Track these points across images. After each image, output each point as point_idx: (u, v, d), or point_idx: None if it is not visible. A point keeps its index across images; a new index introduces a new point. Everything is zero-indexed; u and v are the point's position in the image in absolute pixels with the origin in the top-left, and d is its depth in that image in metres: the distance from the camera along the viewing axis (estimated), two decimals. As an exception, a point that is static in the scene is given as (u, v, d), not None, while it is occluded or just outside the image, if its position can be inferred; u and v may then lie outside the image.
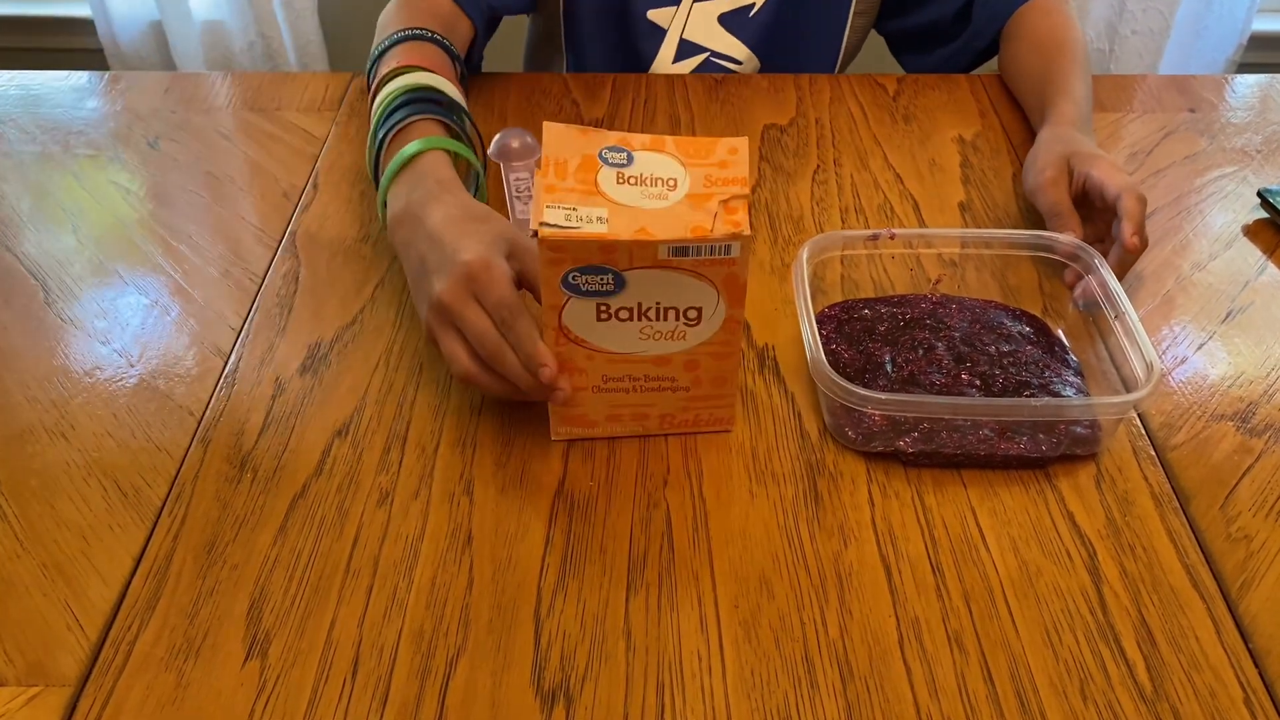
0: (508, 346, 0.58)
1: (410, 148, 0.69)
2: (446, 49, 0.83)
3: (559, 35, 1.04)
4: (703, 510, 0.59)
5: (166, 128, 0.92)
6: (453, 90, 0.77)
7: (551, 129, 0.56)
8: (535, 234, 0.52)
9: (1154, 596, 0.54)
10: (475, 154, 0.76)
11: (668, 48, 1.01)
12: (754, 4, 0.99)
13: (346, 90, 0.97)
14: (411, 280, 0.65)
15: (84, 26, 1.78)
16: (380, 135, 0.73)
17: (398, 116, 0.73)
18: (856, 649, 0.52)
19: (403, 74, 0.76)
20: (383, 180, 0.70)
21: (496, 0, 0.94)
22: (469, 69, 0.99)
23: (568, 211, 0.53)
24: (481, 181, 0.75)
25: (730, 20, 1.00)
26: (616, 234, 0.52)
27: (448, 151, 0.71)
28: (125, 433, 0.63)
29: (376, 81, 0.78)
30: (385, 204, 0.70)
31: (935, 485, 0.60)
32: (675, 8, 0.98)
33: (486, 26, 0.94)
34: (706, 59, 1.02)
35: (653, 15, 0.99)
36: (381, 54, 0.81)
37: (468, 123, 0.77)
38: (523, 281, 0.61)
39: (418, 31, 0.81)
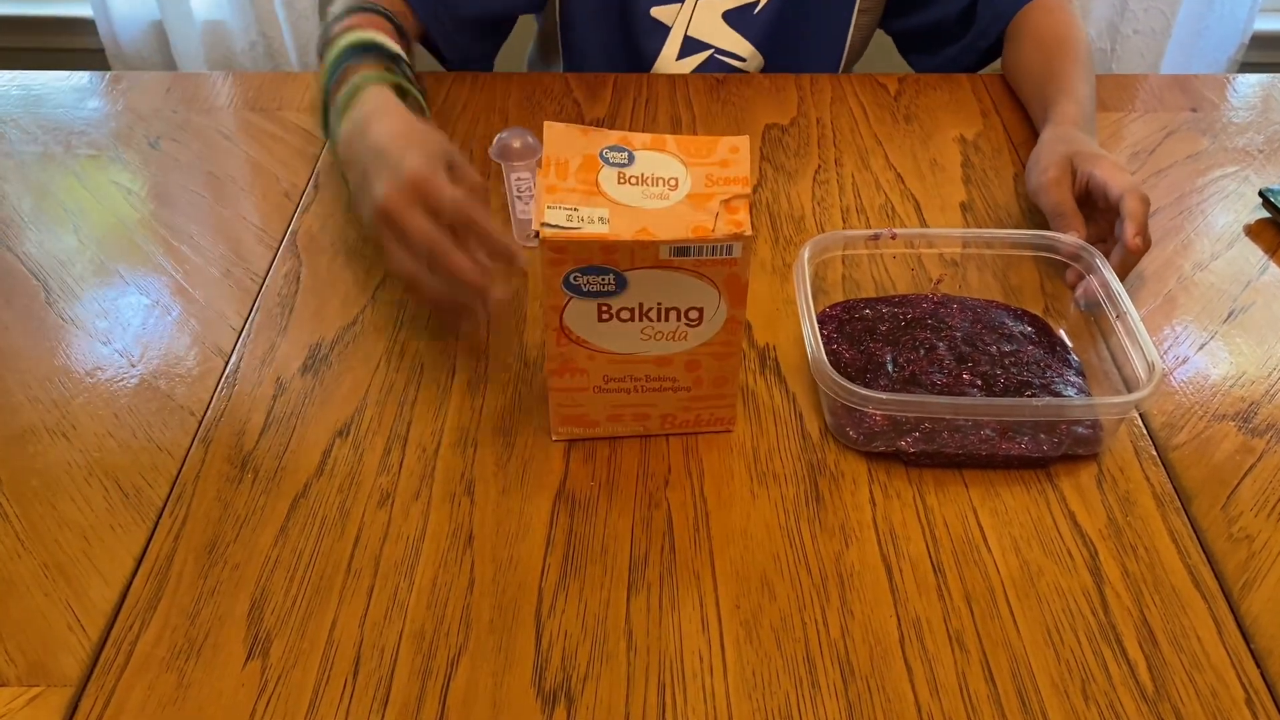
0: (453, 246, 0.59)
1: (359, 77, 0.72)
2: (393, 21, 0.84)
3: (556, 36, 1.04)
4: (704, 510, 0.59)
5: (168, 128, 0.92)
6: (398, 48, 0.79)
7: (552, 129, 0.56)
8: (537, 234, 0.52)
9: (1155, 596, 0.54)
10: (423, 101, 0.78)
11: (671, 45, 1.01)
12: (759, 1, 0.99)
13: (347, 90, 0.97)
14: (355, 190, 0.66)
15: (85, 26, 1.78)
16: (328, 82, 0.75)
17: (346, 63, 0.75)
18: (858, 649, 0.52)
19: (351, 32, 0.78)
20: (332, 113, 0.73)
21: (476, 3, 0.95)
22: (476, 66, 1.00)
23: (569, 212, 0.53)
24: (427, 118, 0.77)
25: (735, 17, 1.00)
26: (618, 234, 0.52)
27: (395, 90, 0.73)
28: (126, 433, 0.63)
29: (325, 44, 0.80)
30: (334, 137, 0.72)
31: (936, 485, 0.60)
32: (680, 4, 0.98)
33: (464, 27, 0.95)
34: (711, 56, 1.02)
35: (656, 12, 0.99)
36: (333, 21, 0.82)
37: (413, 73, 0.80)
38: None
39: (367, 5, 0.84)
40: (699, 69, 1.02)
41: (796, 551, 0.56)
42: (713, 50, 1.01)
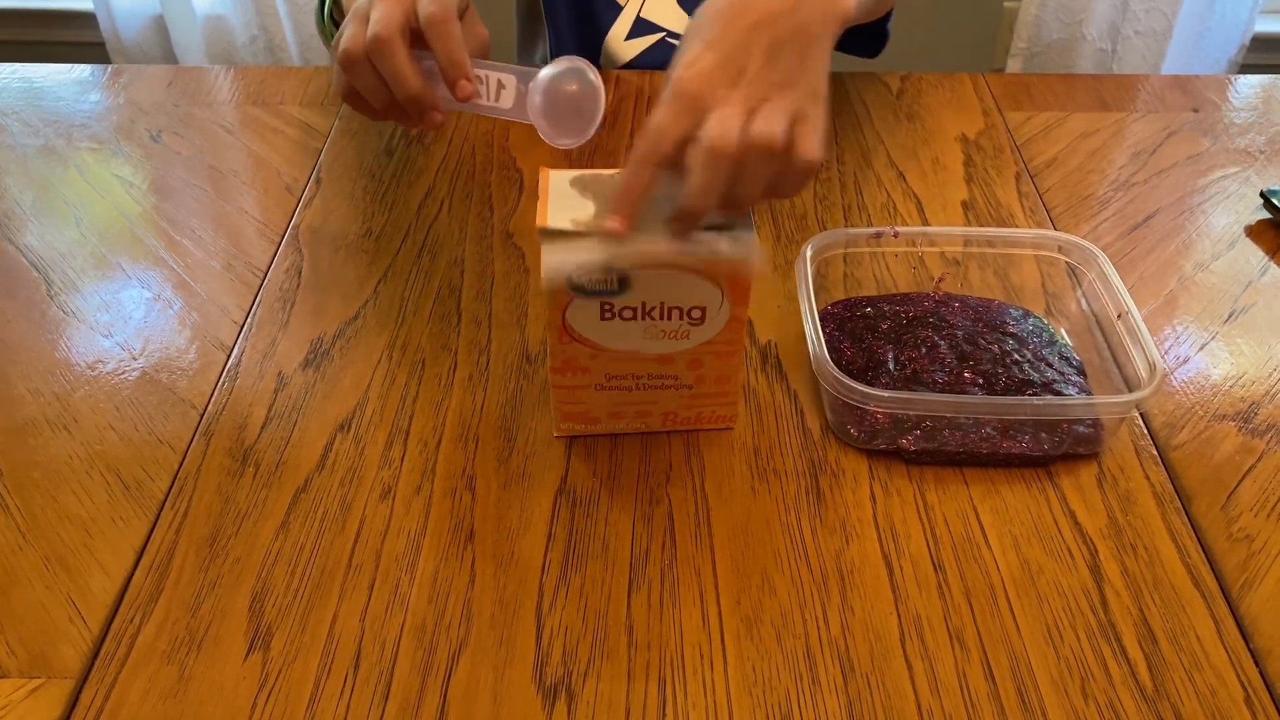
0: (402, 46, 0.61)
1: None
2: None
3: (540, 8, 1.04)
4: (705, 507, 0.59)
5: (169, 121, 0.92)
6: None
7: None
8: (540, 232, 0.52)
9: (1155, 596, 0.54)
10: None
11: (622, 24, 0.99)
12: None
13: (349, 85, 0.97)
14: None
15: (86, 20, 1.78)
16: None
17: None
18: (858, 646, 0.52)
19: None
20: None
21: None
22: None
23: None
24: None
25: (691, 4, 0.99)
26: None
27: None
28: (128, 426, 0.63)
29: None
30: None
31: (937, 483, 0.60)
32: None
33: None
34: (662, 39, 1.00)
35: None
36: None
37: None
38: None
39: None
40: (649, 50, 1.01)
41: (797, 548, 0.56)
42: (664, 33, 1.00)
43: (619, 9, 0.99)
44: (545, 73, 0.60)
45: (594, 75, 0.60)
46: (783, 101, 0.53)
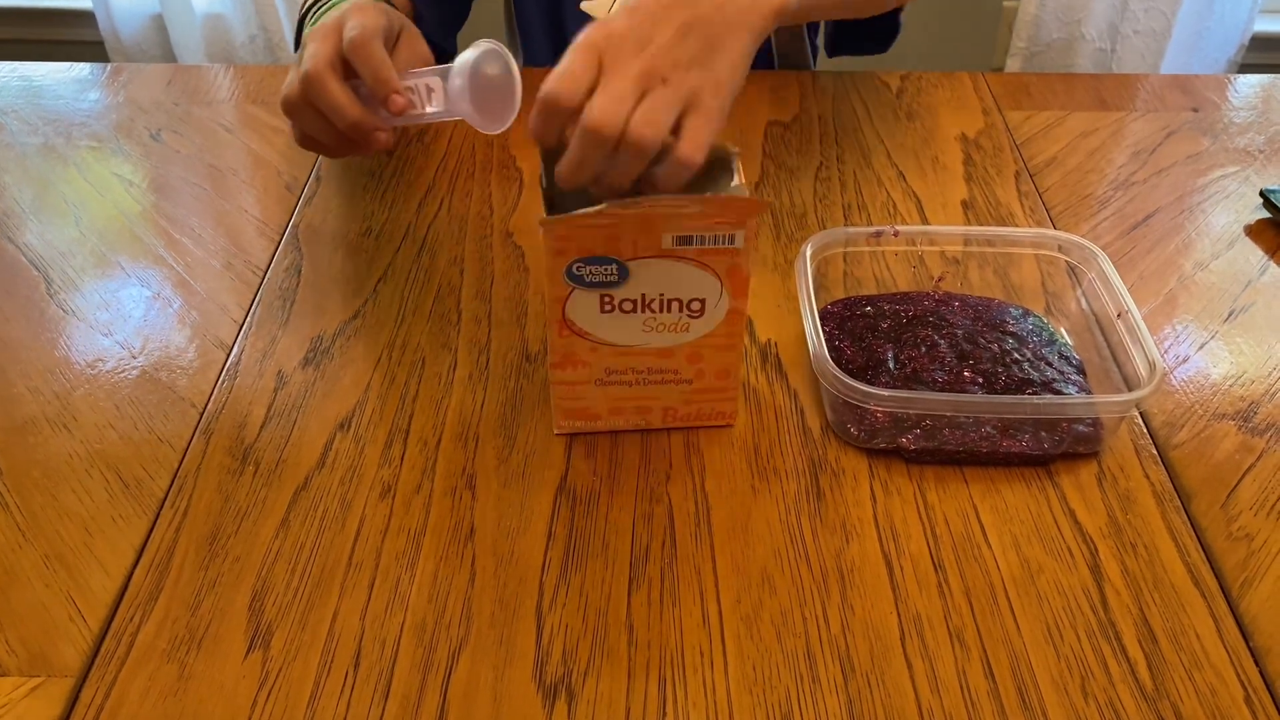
0: (333, 78, 0.62)
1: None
2: None
3: (513, 20, 1.04)
4: (705, 505, 0.59)
5: (169, 120, 0.92)
6: None
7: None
8: (540, 223, 0.52)
9: (1155, 595, 0.54)
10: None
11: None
12: None
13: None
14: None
15: (85, 19, 1.78)
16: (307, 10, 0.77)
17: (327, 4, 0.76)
18: (858, 645, 0.52)
19: None
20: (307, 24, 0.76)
21: None
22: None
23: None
24: None
25: None
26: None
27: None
28: (127, 424, 0.63)
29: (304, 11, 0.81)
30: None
31: (937, 482, 0.60)
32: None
33: (441, 5, 0.95)
34: None
35: (585, 7, 0.98)
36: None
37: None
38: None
39: None
40: None
41: (797, 547, 0.56)
42: None
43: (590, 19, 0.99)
44: (461, 58, 0.61)
45: (507, 54, 0.62)
46: (680, 85, 0.52)
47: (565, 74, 0.51)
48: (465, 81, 0.61)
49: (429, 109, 0.64)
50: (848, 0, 0.79)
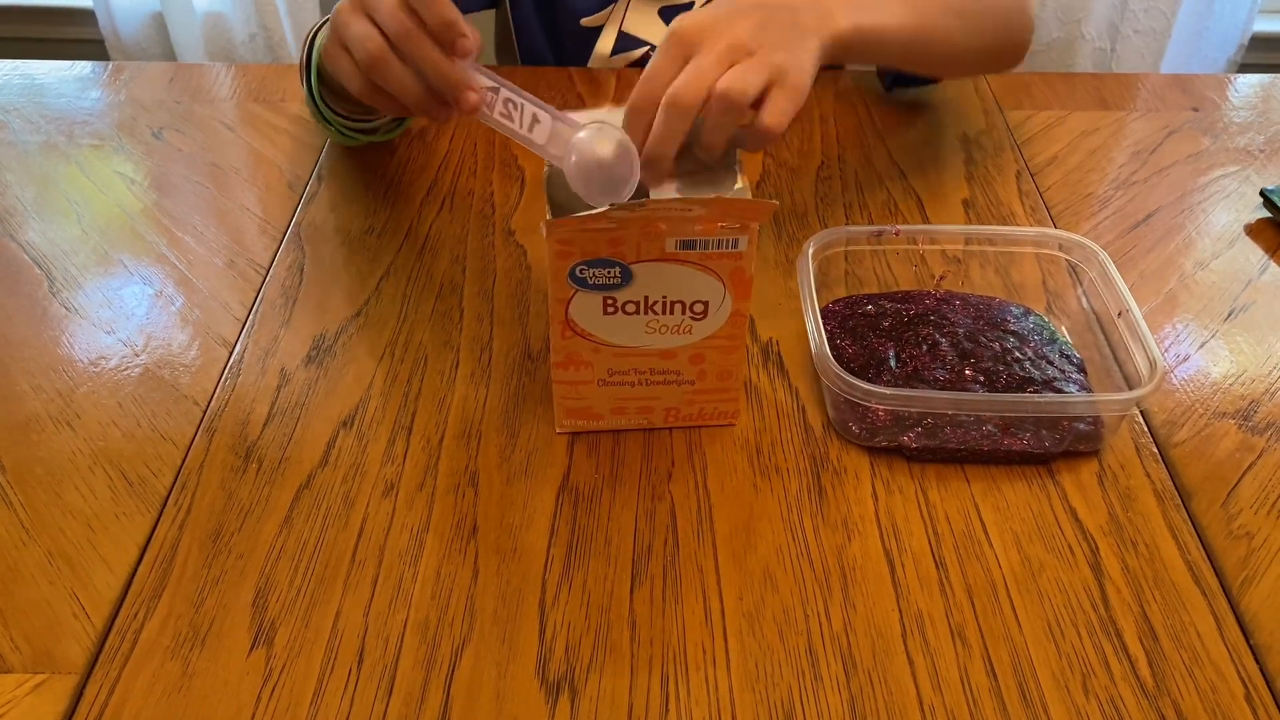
0: (392, 60, 0.58)
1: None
2: None
3: (511, 30, 1.04)
4: (707, 503, 0.59)
5: (171, 118, 0.92)
6: None
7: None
8: (544, 225, 0.53)
9: (1156, 592, 0.55)
10: None
11: (604, 41, 0.99)
12: (695, 1, 0.98)
13: (351, 82, 0.97)
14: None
15: (85, 17, 1.78)
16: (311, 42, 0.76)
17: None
18: (860, 642, 0.52)
19: None
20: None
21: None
22: None
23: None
24: None
25: (671, 14, 0.98)
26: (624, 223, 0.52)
27: None
28: (130, 422, 0.63)
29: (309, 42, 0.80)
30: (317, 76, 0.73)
31: (938, 480, 0.60)
32: (610, 8, 0.97)
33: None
34: (646, 53, 1.00)
35: (586, 22, 0.98)
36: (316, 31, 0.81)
37: None
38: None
39: None
40: (635, 65, 1.01)
41: (799, 545, 0.57)
42: (649, 47, 1.00)
43: (598, 31, 0.99)
44: (590, 142, 0.56)
45: (631, 145, 0.56)
46: (767, 58, 0.53)
47: (651, 76, 0.53)
48: (581, 165, 0.56)
49: (529, 134, 0.58)
50: (912, 54, 0.77)
